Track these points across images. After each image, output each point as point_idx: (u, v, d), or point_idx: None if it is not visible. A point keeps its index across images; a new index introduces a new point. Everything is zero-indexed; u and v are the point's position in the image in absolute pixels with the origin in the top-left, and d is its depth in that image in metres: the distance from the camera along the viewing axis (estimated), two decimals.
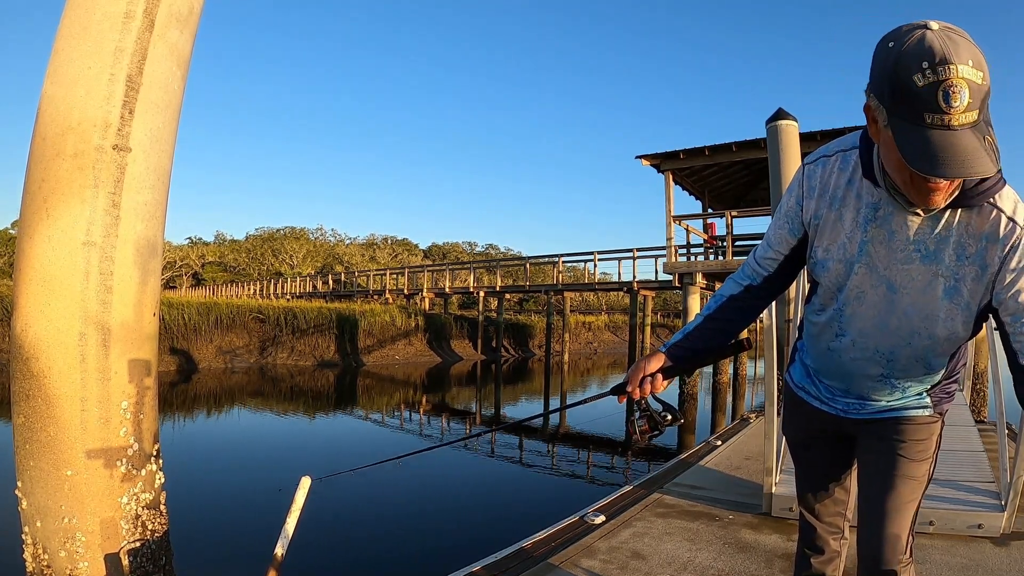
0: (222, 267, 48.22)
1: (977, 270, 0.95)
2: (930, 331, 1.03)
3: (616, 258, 18.03)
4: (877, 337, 1.09)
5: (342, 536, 4.20)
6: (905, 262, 1.00)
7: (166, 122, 2.29)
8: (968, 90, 0.76)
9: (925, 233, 0.97)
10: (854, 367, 1.16)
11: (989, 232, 0.93)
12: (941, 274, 0.98)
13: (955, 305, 0.99)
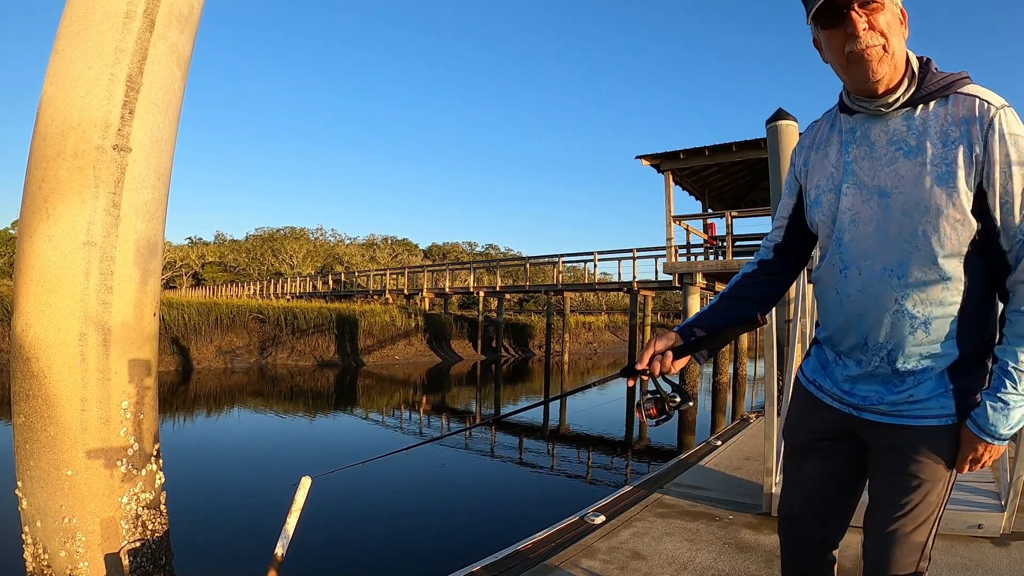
0: (222, 267, 48.21)
1: (964, 150, 0.96)
2: (935, 225, 0.97)
3: (616, 258, 18.04)
4: (881, 253, 1.03)
5: (342, 536, 4.20)
6: (890, 163, 1.02)
7: (166, 122, 2.29)
8: None
9: (903, 132, 1.01)
10: (865, 304, 1.06)
11: (967, 115, 0.96)
12: (929, 163, 0.98)
13: (951, 190, 0.96)
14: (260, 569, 1.89)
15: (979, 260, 1.00)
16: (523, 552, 2.30)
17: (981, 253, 1.00)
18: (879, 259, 1.03)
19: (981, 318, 1.04)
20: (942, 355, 1.03)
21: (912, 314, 1.02)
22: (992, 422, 0.98)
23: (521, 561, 2.22)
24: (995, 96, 0.98)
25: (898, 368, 1.06)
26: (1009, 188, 0.94)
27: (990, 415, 0.98)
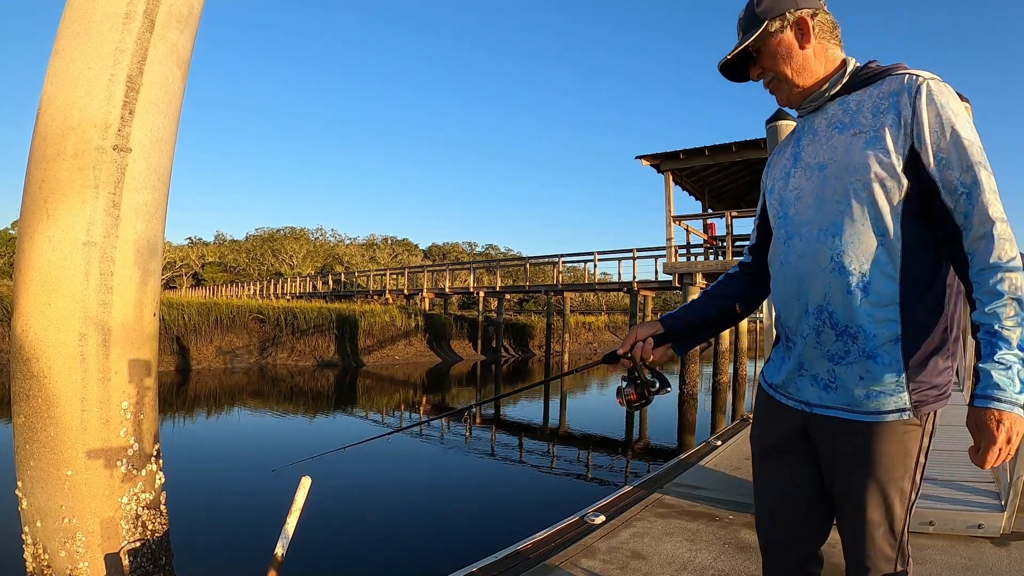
0: (222, 267, 48.21)
1: (893, 116, 1.01)
2: (864, 182, 1.02)
3: (616, 258, 18.03)
4: (818, 217, 1.08)
5: (342, 536, 4.20)
6: (828, 140, 1.10)
7: (166, 122, 2.29)
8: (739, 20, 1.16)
9: (839, 115, 1.10)
10: (805, 267, 1.09)
11: (896, 88, 1.03)
12: (861, 132, 1.05)
13: (878, 151, 1.01)
14: (260, 569, 1.89)
15: (918, 224, 1.01)
16: (523, 552, 2.30)
17: (919, 216, 1.01)
18: (816, 223, 1.08)
19: (927, 291, 1.02)
20: (885, 321, 1.02)
21: (849, 271, 1.03)
22: (1003, 385, 0.89)
23: (521, 561, 2.22)
24: (927, 72, 1.03)
25: (843, 334, 1.05)
26: (943, 146, 0.97)
27: (996, 378, 0.89)
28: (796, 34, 1.11)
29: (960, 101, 1.01)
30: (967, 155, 0.96)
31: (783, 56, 1.12)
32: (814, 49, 1.11)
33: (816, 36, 1.11)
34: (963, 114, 0.99)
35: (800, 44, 1.11)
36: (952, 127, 0.97)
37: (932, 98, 0.99)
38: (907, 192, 1.00)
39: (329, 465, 6.41)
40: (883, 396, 1.03)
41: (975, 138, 0.97)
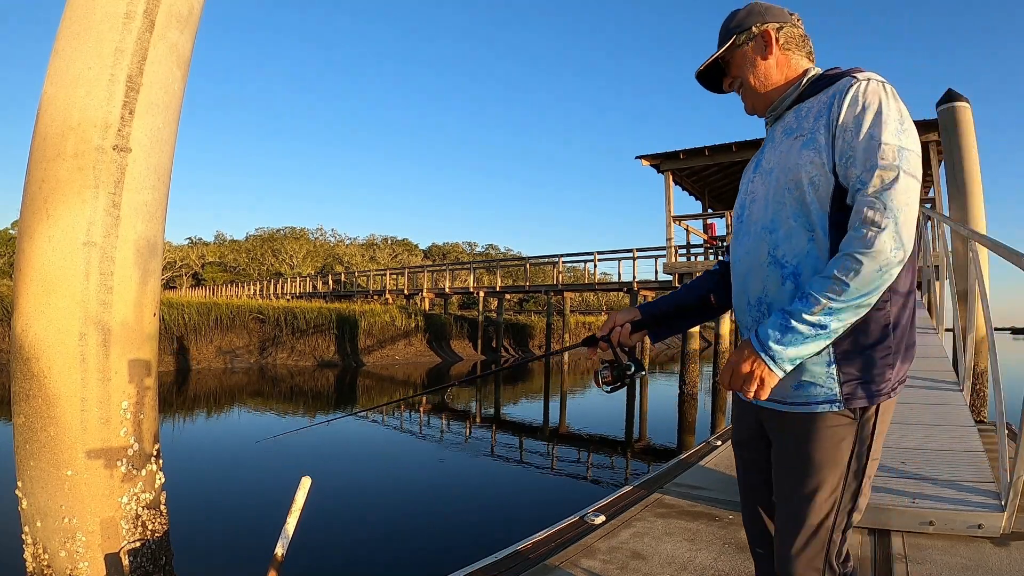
0: (222, 267, 48.21)
1: (826, 118, 1.06)
2: (797, 182, 1.07)
3: (616, 258, 18.03)
4: (763, 215, 1.14)
5: (342, 536, 4.20)
6: (779, 145, 1.16)
7: (166, 122, 2.29)
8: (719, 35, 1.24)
9: (792, 121, 1.15)
10: (748, 262, 1.15)
11: (834, 91, 1.08)
12: (801, 135, 1.10)
13: (811, 151, 1.06)
14: (260, 569, 1.89)
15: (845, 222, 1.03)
16: (523, 552, 2.30)
17: (847, 215, 1.03)
18: (760, 221, 1.14)
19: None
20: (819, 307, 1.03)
21: (781, 263, 1.08)
22: (769, 334, 0.97)
23: (521, 561, 2.22)
24: (869, 73, 1.06)
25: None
26: (852, 144, 1.00)
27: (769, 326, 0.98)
28: (760, 45, 1.19)
29: (896, 103, 1.02)
30: (873, 156, 0.98)
31: (748, 65, 1.20)
32: (776, 60, 1.19)
33: (780, 48, 1.19)
34: (888, 115, 0.99)
35: (763, 55, 1.19)
36: (867, 126, 1.00)
37: (856, 98, 1.02)
38: (836, 190, 1.04)
39: (329, 465, 6.42)
40: (813, 387, 1.04)
41: (894, 141, 0.97)
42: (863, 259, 0.94)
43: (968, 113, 7.11)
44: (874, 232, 0.94)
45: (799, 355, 0.97)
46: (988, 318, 3.06)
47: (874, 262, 0.93)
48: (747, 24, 1.20)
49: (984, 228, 7.05)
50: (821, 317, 0.95)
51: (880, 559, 2.16)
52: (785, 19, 1.20)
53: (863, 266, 0.94)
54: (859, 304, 0.95)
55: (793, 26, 1.20)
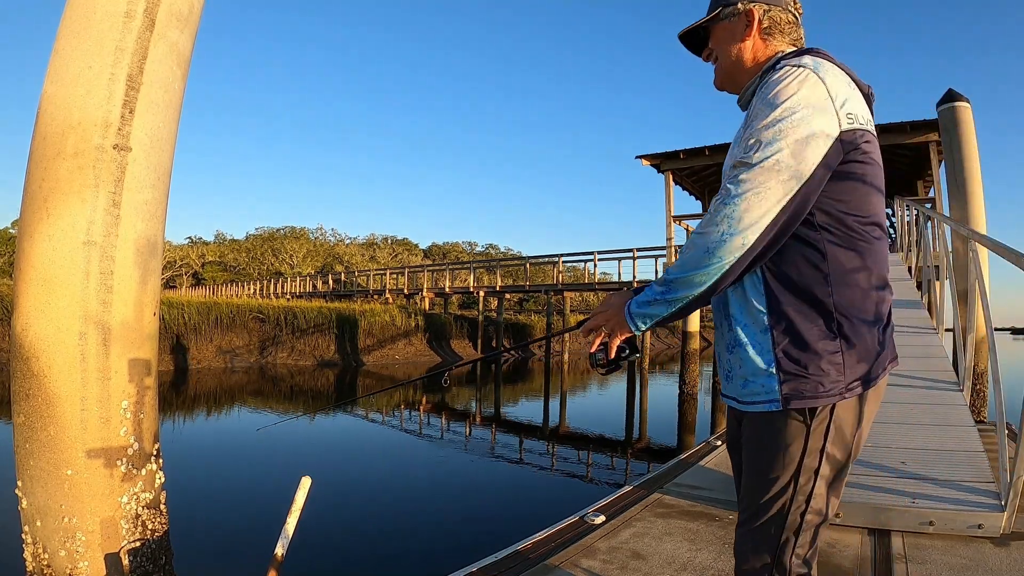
0: (222, 267, 48.20)
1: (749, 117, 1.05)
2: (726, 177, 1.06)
3: (616, 258, 18.03)
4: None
5: (342, 536, 4.20)
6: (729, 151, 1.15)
7: (167, 121, 2.29)
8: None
9: (748, 112, 1.10)
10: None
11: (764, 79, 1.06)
12: (736, 139, 1.10)
13: (738, 148, 1.04)
14: (260, 569, 1.89)
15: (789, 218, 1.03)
16: (523, 552, 2.30)
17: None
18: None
19: (795, 284, 1.01)
20: (756, 311, 1.04)
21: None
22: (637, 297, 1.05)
23: (521, 561, 2.22)
24: (800, 59, 1.02)
25: (731, 325, 1.09)
26: (746, 134, 0.99)
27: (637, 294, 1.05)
28: (741, 25, 1.14)
29: (797, 89, 0.96)
30: (745, 144, 0.97)
31: (724, 42, 1.17)
32: (753, 43, 1.14)
33: (760, 31, 1.13)
34: (775, 103, 0.96)
35: (741, 36, 1.14)
36: (757, 114, 0.98)
37: (762, 89, 1.01)
38: None
39: (329, 465, 6.42)
40: (755, 385, 1.04)
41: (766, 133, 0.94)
42: (695, 239, 0.97)
43: (968, 113, 7.11)
44: (709, 216, 0.96)
45: (645, 314, 1.04)
46: (988, 318, 3.06)
47: (702, 242, 0.96)
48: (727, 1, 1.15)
49: (984, 228, 7.06)
50: (659, 288, 1.02)
51: (880, 559, 2.16)
52: (777, 1, 1.14)
53: (694, 246, 0.97)
54: (688, 281, 0.98)
55: (784, 9, 1.14)
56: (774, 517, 1.03)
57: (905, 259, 8.48)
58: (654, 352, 29.44)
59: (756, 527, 1.05)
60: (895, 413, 3.48)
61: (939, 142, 8.52)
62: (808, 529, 1.03)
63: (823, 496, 1.02)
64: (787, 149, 0.93)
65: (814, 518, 1.03)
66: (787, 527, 1.02)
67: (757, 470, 1.05)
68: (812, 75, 0.97)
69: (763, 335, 1.03)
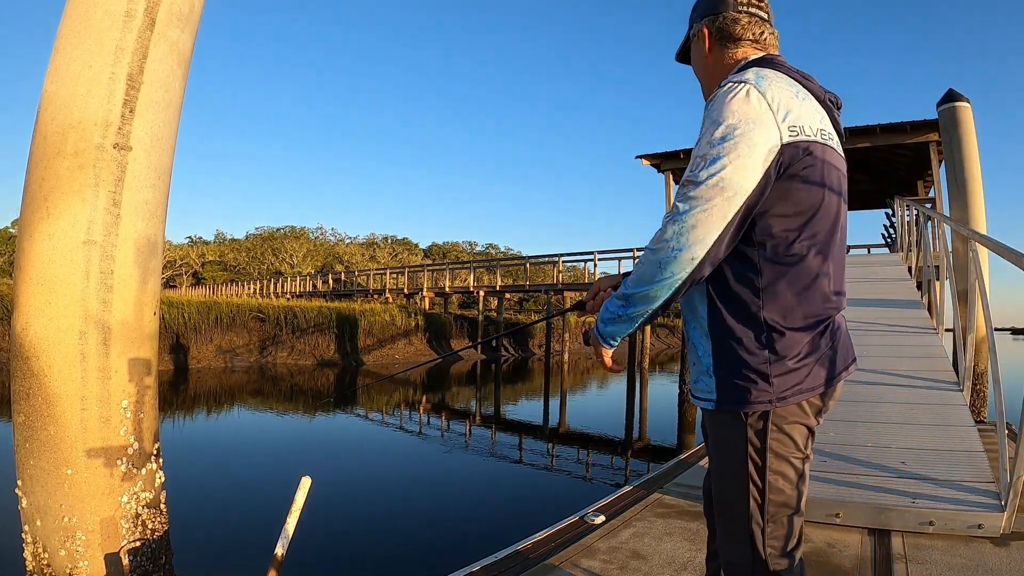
0: (222, 266, 48.20)
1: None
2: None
3: (616, 258, 18.04)
4: None
5: (342, 536, 4.20)
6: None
7: (167, 121, 2.29)
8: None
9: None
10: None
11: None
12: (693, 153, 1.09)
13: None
14: (260, 569, 1.89)
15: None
16: (523, 552, 2.30)
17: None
18: None
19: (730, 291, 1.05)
20: (701, 316, 1.10)
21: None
22: (601, 314, 1.10)
23: (521, 561, 2.22)
24: (741, 75, 1.05)
25: (685, 327, 1.18)
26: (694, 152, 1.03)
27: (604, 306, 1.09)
28: (700, 43, 1.22)
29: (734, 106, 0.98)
30: (692, 161, 1.01)
31: (696, 59, 1.26)
32: (713, 56, 1.20)
33: (714, 43, 1.19)
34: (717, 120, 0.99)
35: (702, 53, 1.22)
36: (704, 131, 1.01)
37: (708, 105, 1.05)
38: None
39: (329, 465, 6.41)
40: (701, 383, 1.11)
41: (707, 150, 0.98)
42: (648, 254, 1.02)
43: (969, 113, 7.11)
44: (660, 232, 1.00)
45: (613, 332, 1.09)
46: (988, 318, 3.06)
47: (655, 258, 1.00)
48: (692, 20, 1.24)
49: (984, 228, 7.06)
50: (619, 303, 1.05)
51: (880, 559, 2.16)
52: (723, 7, 1.17)
53: (647, 262, 1.01)
54: (644, 296, 1.02)
55: (729, 13, 1.16)
56: (736, 509, 1.08)
57: (905, 259, 8.48)
58: (654, 352, 29.44)
59: (726, 520, 1.11)
60: (895, 413, 3.48)
61: (939, 142, 8.52)
62: (775, 521, 1.06)
63: (782, 489, 1.06)
64: (730, 166, 0.96)
65: (777, 510, 1.06)
66: (750, 519, 1.06)
67: (715, 464, 1.13)
68: (753, 90, 0.99)
69: (705, 339, 1.09)
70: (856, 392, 3.79)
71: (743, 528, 1.07)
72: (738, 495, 1.07)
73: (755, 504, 1.06)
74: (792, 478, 1.06)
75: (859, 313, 5.77)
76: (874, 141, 10.79)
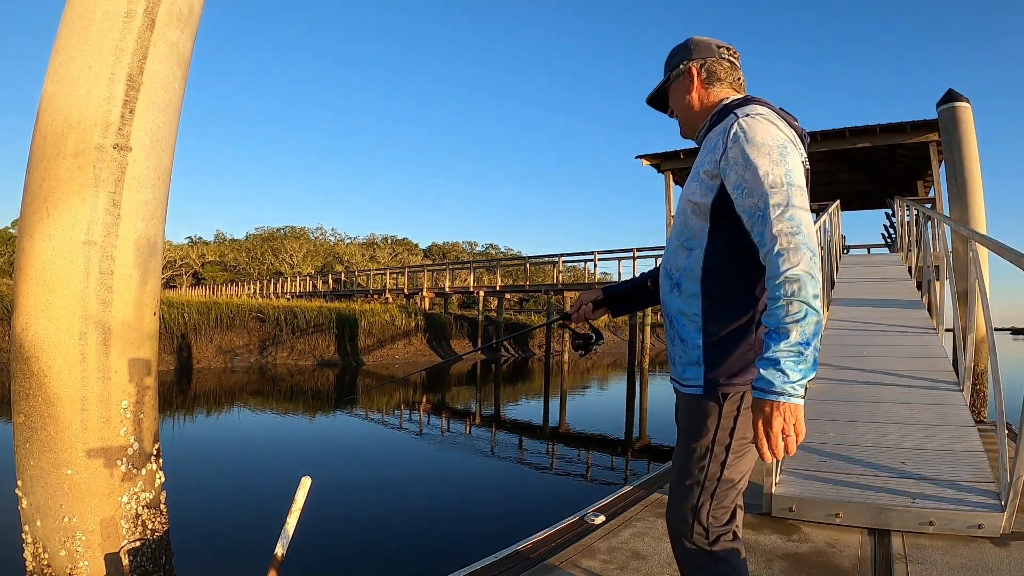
0: (222, 266, 48.19)
1: (712, 154, 1.23)
2: (683, 210, 1.30)
3: (616, 258, 18.06)
4: (672, 231, 1.36)
5: (342, 536, 4.20)
6: (691, 172, 1.33)
7: (167, 121, 2.29)
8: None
9: (702, 151, 1.31)
10: (660, 271, 1.40)
11: (723, 127, 1.23)
12: (697, 166, 1.28)
13: (697, 183, 1.26)
14: (260, 569, 1.89)
15: (724, 241, 1.22)
16: (523, 552, 2.30)
17: (727, 232, 1.21)
18: (670, 235, 1.37)
19: (728, 293, 1.22)
20: (691, 314, 1.25)
21: (670, 275, 1.32)
22: (768, 378, 1.04)
23: (521, 561, 2.22)
24: (750, 108, 1.22)
25: (671, 324, 1.32)
26: (746, 177, 1.13)
27: (763, 373, 1.05)
28: (687, 82, 1.36)
29: (773, 131, 1.17)
30: (761, 185, 1.11)
31: (677, 98, 1.39)
32: (699, 94, 1.35)
33: (701, 83, 1.35)
34: (769, 147, 1.14)
35: (687, 90, 1.36)
36: (752, 160, 1.13)
37: (736, 137, 1.17)
38: (714, 216, 1.22)
39: (329, 465, 6.41)
40: (689, 372, 1.27)
41: (775, 168, 1.12)
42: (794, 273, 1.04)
43: (968, 113, 7.11)
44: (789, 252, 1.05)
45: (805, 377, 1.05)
46: (988, 318, 3.06)
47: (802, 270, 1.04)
48: (676, 62, 1.38)
49: (984, 228, 7.05)
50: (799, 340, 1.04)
51: (880, 559, 2.16)
52: (710, 54, 1.35)
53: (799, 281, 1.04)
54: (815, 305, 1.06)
55: (719, 60, 1.35)
56: (693, 479, 1.24)
57: (905, 259, 8.48)
58: (654, 352, 29.42)
59: (681, 486, 1.26)
60: (895, 413, 3.48)
61: (939, 142, 8.51)
62: (723, 495, 1.23)
63: (738, 468, 1.23)
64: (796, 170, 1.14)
65: (725, 487, 1.22)
66: (703, 490, 1.23)
67: (682, 439, 1.28)
68: (779, 120, 1.22)
69: (696, 333, 1.25)
70: (856, 392, 3.79)
71: (694, 496, 1.23)
72: (699, 466, 1.23)
73: (712, 477, 1.22)
74: (749, 459, 1.25)
75: (859, 313, 5.77)
76: (874, 141, 10.78)
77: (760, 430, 1.05)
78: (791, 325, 1.03)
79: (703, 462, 1.22)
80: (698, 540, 1.23)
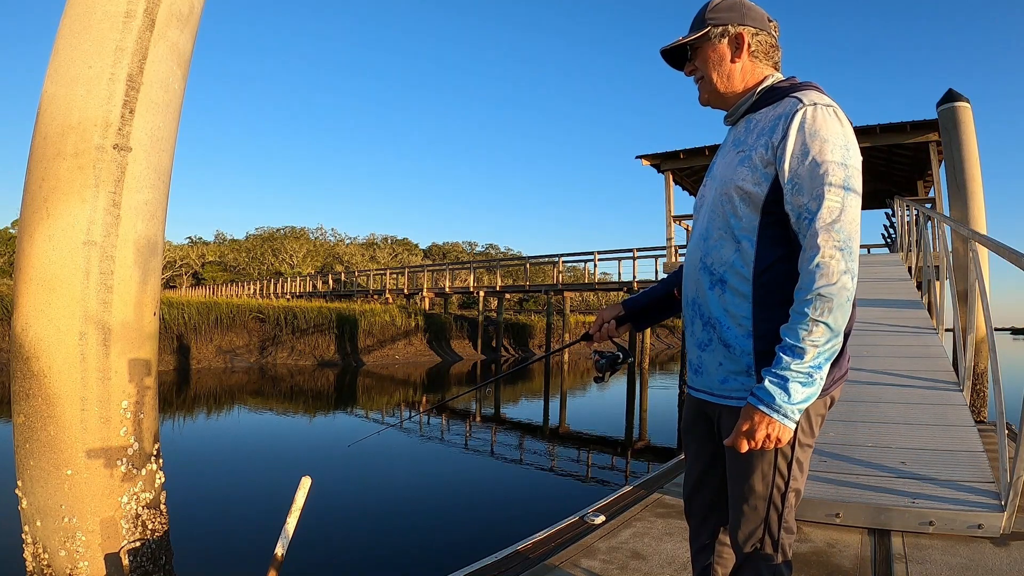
0: (222, 267, 48.19)
1: (767, 139, 1.11)
2: (729, 196, 1.15)
3: (616, 258, 18.04)
4: (701, 221, 1.23)
5: (342, 536, 4.20)
6: (727, 154, 1.22)
7: (167, 121, 2.29)
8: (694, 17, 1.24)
9: (742, 131, 1.20)
10: (689, 264, 1.25)
11: (783, 111, 1.11)
12: (743, 149, 1.16)
13: (747, 168, 1.12)
14: (260, 569, 1.89)
15: (776, 236, 1.11)
16: (523, 552, 2.30)
17: (778, 228, 1.11)
18: (700, 227, 1.23)
19: (779, 295, 1.09)
20: (739, 315, 1.13)
21: (710, 270, 1.17)
22: (772, 393, 1.01)
23: (521, 561, 2.22)
24: (815, 96, 1.09)
25: (708, 326, 1.17)
26: (800, 172, 1.05)
27: (767, 386, 1.02)
28: (732, 46, 1.20)
29: (841, 128, 1.06)
30: (820, 183, 1.03)
31: (714, 62, 1.21)
32: (743, 65, 1.20)
33: (749, 54, 1.20)
34: (833, 144, 1.04)
35: (732, 57, 1.20)
36: (812, 155, 1.04)
37: (802, 126, 1.06)
38: (767, 208, 1.11)
39: (329, 465, 6.41)
40: (734, 381, 1.14)
41: (836, 170, 1.03)
42: (829, 292, 0.99)
43: (968, 113, 7.11)
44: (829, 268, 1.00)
45: (806, 401, 1.02)
46: (988, 318, 3.06)
47: (838, 291, 0.99)
48: (723, 20, 1.20)
49: (984, 228, 7.05)
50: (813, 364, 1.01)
51: (880, 559, 2.16)
52: (764, 25, 1.21)
53: (830, 302, 0.99)
54: (841, 331, 1.02)
55: (768, 34, 1.21)
56: (760, 497, 1.14)
57: (905, 259, 8.48)
58: (654, 352, 29.44)
59: (747, 507, 1.16)
60: (895, 413, 3.48)
61: (939, 142, 8.51)
62: (790, 505, 1.15)
63: (799, 477, 1.15)
64: (858, 177, 1.06)
65: (792, 495, 1.15)
66: (771, 505, 1.14)
67: (738, 458, 1.14)
68: (843, 115, 1.10)
69: (746, 338, 1.12)
70: (856, 392, 3.79)
71: (763, 514, 1.14)
72: (763, 485, 1.13)
73: (778, 492, 1.13)
74: (807, 467, 1.16)
75: (859, 313, 5.74)
76: (874, 141, 10.77)
77: (741, 434, 1.05)
78: (810, 347, 0.99)
79: (768, 477, 1.13)
80: (768, 551, 1.17)
